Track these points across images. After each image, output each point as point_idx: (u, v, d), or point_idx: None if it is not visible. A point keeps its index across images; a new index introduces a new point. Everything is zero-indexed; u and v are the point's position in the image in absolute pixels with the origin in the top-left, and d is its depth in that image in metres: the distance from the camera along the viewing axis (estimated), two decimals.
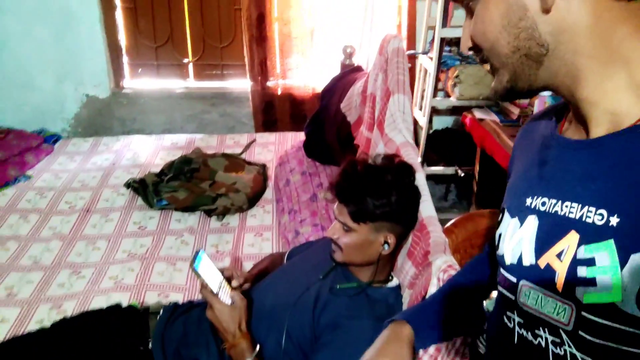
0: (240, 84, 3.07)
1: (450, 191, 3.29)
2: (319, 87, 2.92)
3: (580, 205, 0.59)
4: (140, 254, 1.89)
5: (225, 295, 1.24)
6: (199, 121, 3.10)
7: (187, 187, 2.18)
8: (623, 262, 0.54)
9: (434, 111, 2.83)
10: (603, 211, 0.56)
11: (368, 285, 1.27)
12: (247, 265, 1.85)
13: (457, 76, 2.57)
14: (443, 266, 1.10)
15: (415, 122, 2.67)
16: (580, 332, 0.59)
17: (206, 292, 1.21)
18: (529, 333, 0.66)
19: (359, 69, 2.30)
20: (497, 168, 2.33)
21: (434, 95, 2.63)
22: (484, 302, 0.83)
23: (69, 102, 3.01)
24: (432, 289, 1.12)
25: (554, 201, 0.63)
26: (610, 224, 0.55)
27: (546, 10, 0.57)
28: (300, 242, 1.78)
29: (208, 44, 3.01)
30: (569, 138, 0.65)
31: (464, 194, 3.24)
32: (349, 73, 2.19)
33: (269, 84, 2.95)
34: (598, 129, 0.60)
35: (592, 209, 0.58)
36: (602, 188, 0.58)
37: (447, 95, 2.73)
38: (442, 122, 3.13)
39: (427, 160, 2.78)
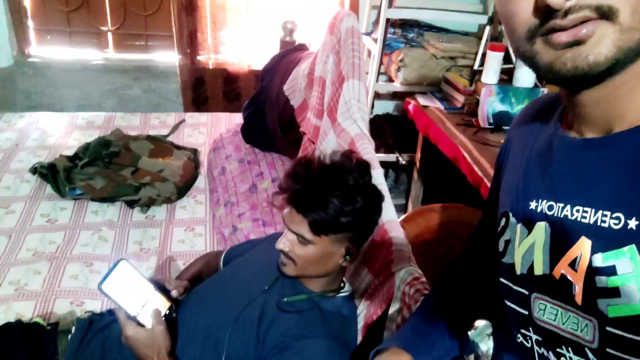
0: (167, 57, 2.83)
1: (388, 177, 3.24)
2: (256, 64, 2.75)
3: (593, 210, 0.55)
4: (49, 252, 1.65)
5: (151, 314, 1.09)
6: (119, 97, 2.81)
7: (106, 174, 1.93)
8: None
9: (375, 95, 2.73)
10: (619, 214, 0.53)
11: (320, 296, 1.13)
12: (177, 265, 1.65)
13: (401, 60, 2.46)
14: (408, 279, 0.98)
15: None
16: (609, 350, 0.54)
17: (119, 315, 1.07)
18: (551, 352, 0.61)
19: (302, 47, 2.12)
20: (440, 156, 2.27)
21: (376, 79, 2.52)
22: (469, 332, 0.72)
23: None
24: (396, 304, 1.00)
25: (561, 205, 0.59)
26: (629, 227, 0.52)
27: None
28: (239, 239, 1.60)
29: (130, 11, 2.71)
30: (575, 137, 0.60)
31: (401, 179, 3.21)
32: (292, 52, 2.01)
33: (200, 57, 2.75)
34: (595, 130, 0.57)
35: (607, 212, 0.54)
36: (615, 189, 0.54)
37: (390, 80, 2.63)
38: (383, 107, 3.04)
39: None
